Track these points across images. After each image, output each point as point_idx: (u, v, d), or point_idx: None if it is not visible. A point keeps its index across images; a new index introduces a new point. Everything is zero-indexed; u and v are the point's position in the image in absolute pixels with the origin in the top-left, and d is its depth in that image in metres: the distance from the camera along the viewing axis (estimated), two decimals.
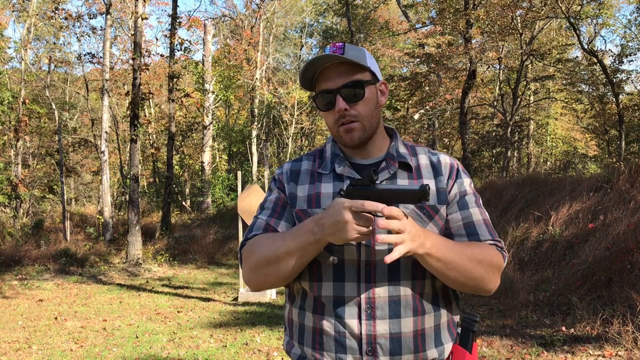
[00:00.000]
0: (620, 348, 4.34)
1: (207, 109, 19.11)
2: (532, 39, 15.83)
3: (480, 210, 1.39)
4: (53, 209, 21.10)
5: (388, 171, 1.37)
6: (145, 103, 16.31)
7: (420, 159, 1.43)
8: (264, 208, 1.44)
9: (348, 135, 1.35)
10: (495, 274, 1.32)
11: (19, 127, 15.69)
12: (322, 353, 1.31)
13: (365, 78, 1.35)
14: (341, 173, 1.38)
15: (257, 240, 1.34)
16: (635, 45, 18.00)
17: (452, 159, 1.45)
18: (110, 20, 14.03)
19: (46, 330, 6.11)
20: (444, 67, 15.52)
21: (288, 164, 1.49)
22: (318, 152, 1.49)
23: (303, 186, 1.41)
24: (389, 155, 1.40)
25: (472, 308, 6.36)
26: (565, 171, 16.04)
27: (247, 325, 6.12)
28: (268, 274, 1.31)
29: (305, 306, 1.36)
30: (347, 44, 1.34)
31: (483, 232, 1.35)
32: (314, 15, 26.47)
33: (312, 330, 1.34)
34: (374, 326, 1.28)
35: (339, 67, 1.33)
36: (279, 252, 1.26)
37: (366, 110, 1.35)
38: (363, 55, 1.36)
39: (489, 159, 20.10)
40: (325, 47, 1.36)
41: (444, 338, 1.34)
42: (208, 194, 18.57)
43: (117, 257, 12.07)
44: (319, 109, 1.39)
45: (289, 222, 1.39)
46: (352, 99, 1.33)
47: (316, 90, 1.38)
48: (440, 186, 1.38)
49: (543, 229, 7.32)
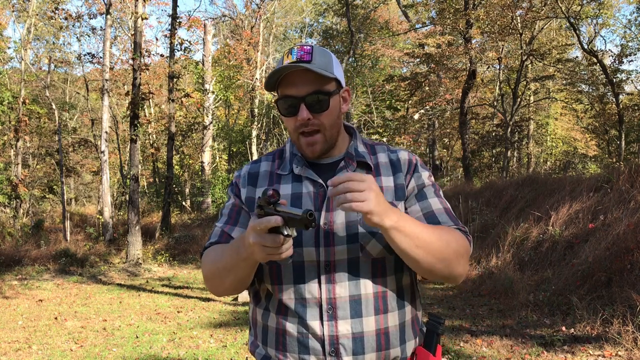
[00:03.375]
0: (620, 348, 4.34)
1: (207, 109, 19.11)
2: (532, 39, 15.83)
3: (440, 200, 1.37)
4: (53, 209, 21.10)
5: (347, 170, 1.36)
6: (145, 103, 16.30)
7: (379, 157, 1.42)
8: (222, 215, 1.45)
9: (309, 149, 1.34)
10: (464, 257, 1.29)
11: (19, 127, 15.69)
12: (285, 354, 1.31)
13: (330, 88, 1.33)
14: (299, 174, 1.37)
15: (208, 252, 1.36)
16: (635, 45, 18.02)
17: (411, 155, 1.44)
18: (110, 20, 14.03)
19: (46, 330, 6.10)
20: (444, 67, 15.53)
21: (247, 167, 1.47)
22: (278, 152, 1.48)
23: (261, 189, 1.39)
24: (347, 154, 1.39)
25: (471, 308, 6.36)
26: (565, 171, 16.03)
27: (247, 325, 6.12)
28: (217, 285, 1.34)
29: (269, 307, 1.36)
30: (315, 48, 1.32)
31: (445, 219, 1.33)
32: (314, 15, 26.47)
33: (275, 331, 1.33)
34: (335, 327, 1.27)
35: (305, 74, 1.30)
36: (219, 266, 1.28)
37: (329, 120, 1.33)
38: (330, 62, 1.33)
39: (489, 159, 20.08)
40: (292, 49, 1.31)
41: (407, 336, 1.34)
42: (208, 194, 18.57)
43: (117, 257, 12.08)
44: (280, 112, 1.36)
45: (244, 227, 1.38)
46: (315, 109, 1.31)
47: (279, 92, 1.35)
48: (398, 182, 1.37)
49: (543, 229, 7.33)
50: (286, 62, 1.30)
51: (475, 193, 10.90)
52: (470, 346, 4.81)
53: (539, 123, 23.38)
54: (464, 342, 4.95)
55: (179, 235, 13.93)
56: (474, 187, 12.34)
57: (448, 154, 24.04)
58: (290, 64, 1.28)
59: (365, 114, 18.76)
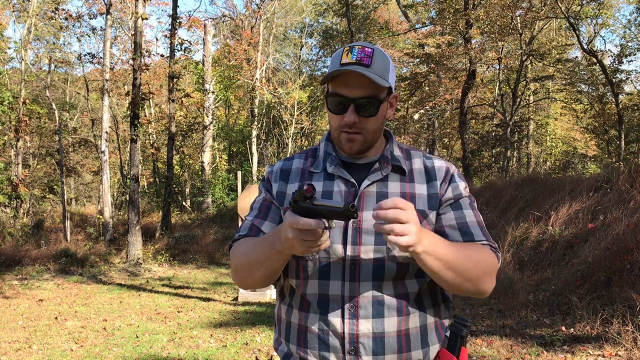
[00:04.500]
0: (620, 348, 4.34)
1: (207, 109, 19.11)
2: (531, 39, 15.84)
3: (474, 213, 1.38)
4: (53, 209, 21.09)
5: (380, 173, 1.36)
6: (145, 103, 16.29)
7: (414, 162, 1.42)
8: (252, 209, 1.46)
9: (348, 145, 1.35)
10: (491, 275, 1.31)
11: (19, 127, 15.70)
12: (306, 351, 1.32)
13: (382, 95, 1.33)
14: (332, 172, 1.37)
15: (238, 245, 1.38)
16: (634, 45, 18.02)
17: (448, 163, 1.43)
18: (110, 20, 14.03)
19: (46, 330, 6.11)
20: (444, 67, 15.53)
21: (279, 163, 1.49)
22: (312, 151, 1.48)
23: (293, 184, 1.41)
24: (383, 157, 1.39)
25: (471, 308, 6.36)
26: (565, 171, 16.04)
27: (247, 325, 6.13)
28: (245, 277, 1.35)
29: (292, 303, 1.37)
30: (376, 52, 1.30)
31: (477, 232, 1.34)
32: (314, 15, 26.46)
33: (297, 327, 1.34)
34: (356, 325, 1.27)
35: (360, 77, 1.29)
36: (250, 259, 1.29)
37: (374, 126, 1.34)
38: (387, 68, 1.32)
39: (489, 159, 20.10)
40: (353, 48, 1.31)
41: (431, 340, 1.33)
42: (208, 194, 18.58)
43: (117, 257, 12.08)
44: (328, 108, 1.37)
45: (274, 222, 1.40)
46: (364, 113, 1.31)
47: (330, 87, 1.35)
48: (432, 191, 1.37)
49: (543, 229, 7.33)
50: (345, 60, 1.29)
51: (475, 193, 10.90)
52: (470, 346, 4.81)
53: (539, 123, 23.39)
54: None
55: (179, 235, 13.93)
56: (474, 187, 12.34)
57: (448, 154, 24.05)
58: (350, 64, 1.28)
59: None
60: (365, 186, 1.34)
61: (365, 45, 1.32)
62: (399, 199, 1.12)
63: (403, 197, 1.34)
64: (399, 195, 1.34)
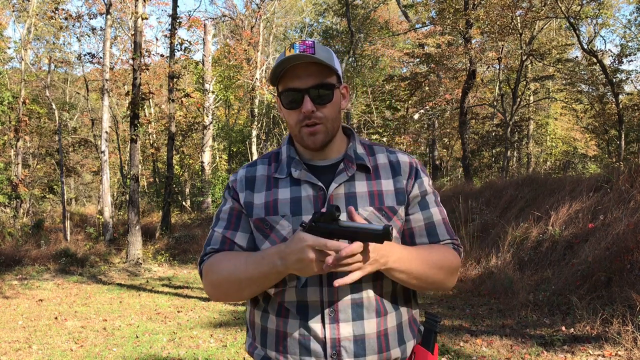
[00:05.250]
0: (620, 348, 4.34)
1: (207, 109, 19.11)
2: (532, 39, 15.84)
3: (439, 210, 1.42)
4: (53, 209, 21.09)
5: (346, 173, 1.35)
6: (145, 103, 16.30)
7: (378, 158, 1.42)
8: (219, 219, 1.42)
9: (311, 139, 1.34)
10: (453, 275, 1.38)
11: (19, 127, 15.70)
12: (286, 356, 1.31)
13: (333, 81, 1.33)
14: (298, 177, 1.36)
15: (217, 261, 1.34)
16: (635, 45, 18.03)
17: (411, 158, 1.44)
18: (110, 20, 14.03)
19: (46, 330, 6.11)
20: (444, 67, 15.53)
21: (242, 170, 1.45)
22: (274, 155, 1.46)
23: (260, 194, 1.38)
24: (346, 156, 1.39)
25: (471, 308, 6.36)
26: (565, 171, 16.04)
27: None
28: (229, 293, 1.33)
29: (268, 309, 1.35)
30: (316, 43, 1.32)
31: (442, 232, 1.40)
32: (314, 15, 26.46)
33: (275, 333, 1.33)
34: (337, 329, 1.27)
35: (308, 67, 1.30)
36: (240, 277, 1.27)
37: (331, 113, 1.34)
38: (331, 57, 1.34)
39: (489, 159, 20.09)
40: (294, 44, 1.31)
41: (406, 336, 1.35)
42: (208, 194, 18.56)
43: (117, 257, 12.08)
44: (283, 106, 1.36)
45: (246, 232, 1.37)
46: (319, 100, 1.31)
47: (280, 86, 1.35)
48: (398, 186, 1.38)
49: (543, 228, 7.33)
50: (289, 55, 1.29)
51: (475, 193, 10.90)
52: (470, 346, 4.81)
53: (539, 123, 23.39)
54: (464, 341, 4.95)
55: (179, 235, 13.94)
56: (474, 187, 12.34)
57: (448, 154, 24.05)
58: (296, 55, 1.28)
59: (365, 114, 18.76)
60: (333, 189, 1.34)
61: (304, 40, 1.33)
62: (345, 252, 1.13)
63: (371, 195, 1.35)
64: (367, 194, 1.35)
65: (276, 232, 1.33)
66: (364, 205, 1.33)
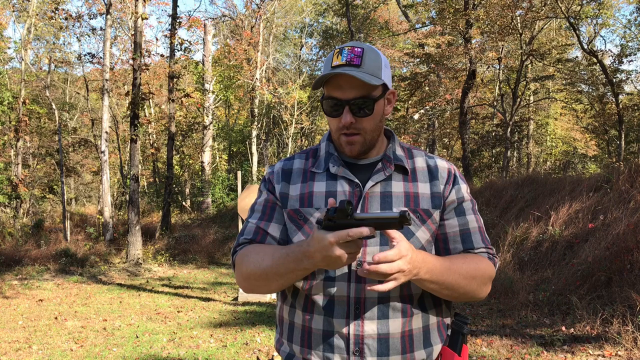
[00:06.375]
0: (620, 348, 4.34)
1: (207, 109, 19.11)
2: (532, 39, 15.84)
3: (476, 218, 1.41)
4: (53, 209, 21.10)
5: (384, 173, 1.36)
6: (145, 103, 16.30)
7: (416, 162, 1.42)
8: (254, 211, 1.43)
9: (349, 147, 1.35)
10: (487, 285, 1.36)
11: (19, 127, 15.70)
12: (310, 352, 1.31)
13: (376, 94, 1.32)
14: (335, 173, 1.37)
15: (247, 253, 1.35)
16: (635, 45, 18.02)
17: (450, 164, 1.44)
18: (110, 20, 14.03)
19: (46, 330, 6.11)
20: (444, 67, 15.52)
21: (280, 163, 1.47)
22: (312, 151, 1.47)
23: (295, 185, 1.40)
24: (385, 157, 1.39)
25: (471, 308, 6.36)
26: (565, 171, 16.04)
27: (247, 325, 6.13)
28: (260, 286, 1.34)
29: (295, 304, 1.36)
30: (366, 51, 1.30)
31: (477, 240, 1.38)
32: (314, 15, 26.46)
33: (301, 328, 1.34)
34: (362, 326, 1.28)
35: (352, 78, 1.29)
36: (268, 271, 1.27)
37: (371, 125, 1.34)
38: (380, 66, 1.32)
39: (489, 159, 20.10)
40: (343, 49, 1.31)
41: (433, 339, 1.34)
42: (208, 194, 18.57)
43: (117, 257, 12.08)
44: (324, 112, 1.37)
45: (279, 223, 1.39)
46: (359, 113, 1.32)
47: (325, 91, 1.35)
48: (435, 190, 1.38)
49: (543, 228, 7.33)
50: (335, 63, 1.29)
51: (475, 193, 10.90)
52: (470, 346, 4.81)
53: (539, 123, 23.39)
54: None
55: (179, 235, 13.94)
56: (474, 187, 12.34)
57: (448, 154, 24.04)
58: (340, 66, 1.28)
59: None
60: (369, 187, 1.34)
61: (355, 46, 1.32)
62: (386, 257, 1.12)
63: (407, 196, 1.35)
64: (402, 195, 1.35)
65: (309, 224, 1.34)
66: (399, 205, 1.34)
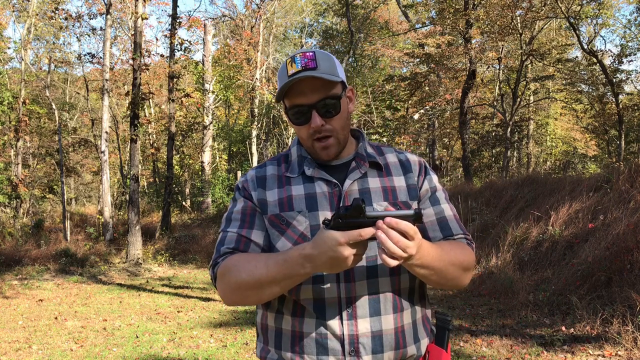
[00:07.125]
0: (620, 348, 4.34)
1: (207, 109, 19.11)
2: (532, 39, 15.85)
3: (449, 206, 1.44)
4: (53, 209, 21.10)
5: (359, 171, 1.37)
6: (145, 103, 16.30)
7: (388, 157, 1.45)
8: (232, 219, 1.38)
9: (325, 152, 1.35)
10: (470, 271, 1.38)
11: (19, 127, 15.70)
12: (302, 356, 1.29)
13: (338, 91, 1.33)
14: (312, 175, 1.37)
15: (235, 263, 1.28)
16: (635, 45, 18.03)
17: (419, 157, 1.48)
18: (110, 20, 14.03)
19: (46, 330, 6.11)
20: (444, 67, 15.53)
21: (252, 171, 1.45)
22: (283, 157, 1.47)
23: (272, 191, 1.38)
24: (358, 155, 1.41)
25: (471, 308, 6.37)
26: (565, 171, 16.03)
27: (247, 325, 6.13)
28: (248, 296, 1.28)
29: (283, 310, 1.33)
30: (317, 53, 1.32)
31: (455, 227, 1.41)
32: (314, 15, 26.47)
33: (290, 333, 1.32)
34: (355, 326, 1.27)
35: (312, 81, 1.29)
36: (262, 279, 1.22)
37: (340, 123, 1.35)
38: (333, 65, 1.33)
39: (489, 159, 20.10)
40: (295, 57, 1.31)
41: (420, 334, 1.35)
42: (208, 194, 18.56)
43: (117, 257, 12.08)
44: (291, 122, 1.36)
45: (262, 230, 1.35)
46: (327, 114, 1.32)
47: (287, 103, 1.34)
48: (410, 183, 1.41)
49: (543, 228, 7.33)
50: (291, 71, 1.29)
51: (475, 193, 10.90)
52: (470, 346, 4.81)
53: (539, 123, 23.40)
54: (464, 341, 4.95)
55: (179, 235, 13.94)
56: (474, 187, 12.34)
57: (448, 154, 24.04)
58: (298, 73, 1.28)
59: (365, 114, 18.76)
60: (348, 185, 1.35)
61: (305, 51, 1.33)
62: (410, 227, 1.11)
63: (385, 190, 1.37)
64: (380, 190, 1.37)
65: (293, 228, 1.32)
66: (378, 200, 1.35)
